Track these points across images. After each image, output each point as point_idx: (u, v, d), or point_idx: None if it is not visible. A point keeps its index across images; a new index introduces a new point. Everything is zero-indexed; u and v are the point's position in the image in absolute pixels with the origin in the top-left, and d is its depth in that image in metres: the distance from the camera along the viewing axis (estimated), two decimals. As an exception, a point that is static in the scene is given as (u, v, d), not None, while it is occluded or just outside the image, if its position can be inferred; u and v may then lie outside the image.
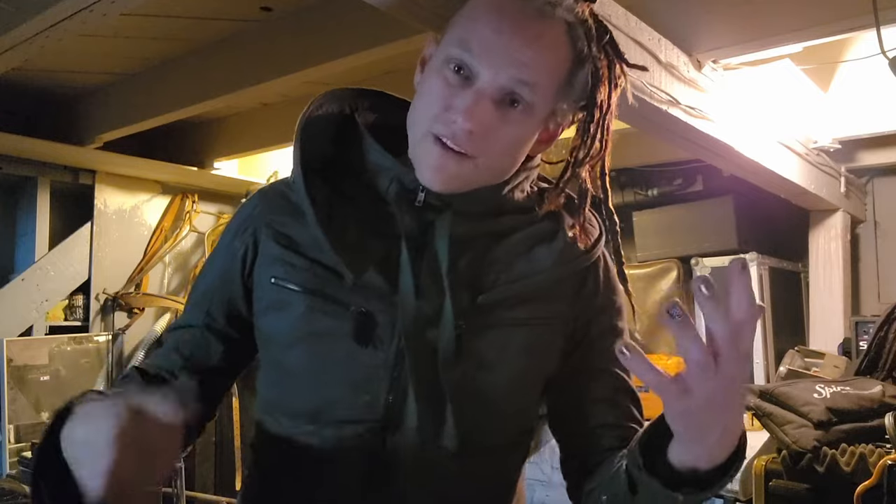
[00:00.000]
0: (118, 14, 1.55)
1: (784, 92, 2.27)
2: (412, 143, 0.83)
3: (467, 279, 0.83)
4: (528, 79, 0.78)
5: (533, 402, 0.91)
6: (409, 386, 0.81)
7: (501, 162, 0.83)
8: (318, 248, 0.84)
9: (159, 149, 3.46)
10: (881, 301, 2.81)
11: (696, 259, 2.85)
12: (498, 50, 0.77)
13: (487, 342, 0.83)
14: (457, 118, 0.77)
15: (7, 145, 2.90)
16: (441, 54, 0.81)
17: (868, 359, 2.13)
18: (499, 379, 0.84)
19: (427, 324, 0.81)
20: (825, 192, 2.58)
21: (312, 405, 0.84)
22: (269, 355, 0.90)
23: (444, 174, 0.80)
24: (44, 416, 2.98)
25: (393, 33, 1.93)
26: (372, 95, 0.94)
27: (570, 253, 0.87)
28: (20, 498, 2.06)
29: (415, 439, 0.81)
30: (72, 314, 3.25)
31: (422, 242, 0.84)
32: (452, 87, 0.78)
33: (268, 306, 0.87)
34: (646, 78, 1.47)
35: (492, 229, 0.87)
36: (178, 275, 3.63)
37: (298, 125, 0.88)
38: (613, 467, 0.80)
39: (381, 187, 0.85)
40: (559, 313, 0.87)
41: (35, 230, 3.14)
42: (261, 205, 0.92)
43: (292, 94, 2.92)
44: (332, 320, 0.82)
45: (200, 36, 2.42)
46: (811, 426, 1.74)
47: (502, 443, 0.89)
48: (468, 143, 0.78)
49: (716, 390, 0.61)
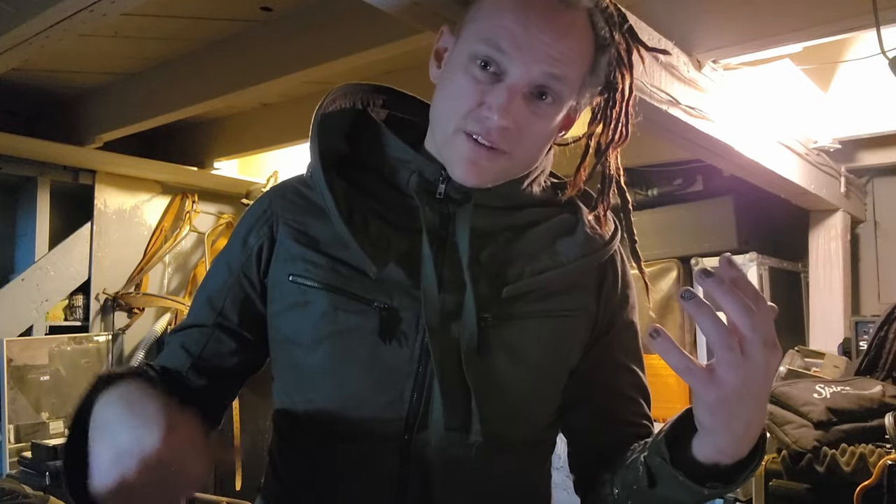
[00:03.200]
0: (118, 14, 1.54)
1: (784, 92, 2.27)
2: (441, 140, 0.83)
3: (490, 272, 0.83)
4: (559, 73, 0.78)
5: (557, 397, 0.90)
6: (434, 381, 0.80)
7: (532, 154, 0.84)
8: (341, 245, 0.83)
9: (159, 149, 3.46)
10: (881, 301, 2.81)
11: (696, 259, 2.84)
12: (528, 46, 0.77)
13: (513, 335, 0.83)
14: (491, 115, 0.77)
15: (7, 145, 2.90)
16: (464, 50, 0.80)
17: (868, 359, 2.13)
18: (525, 372, 0.83)
19: (450, 317, 0.81)
20: (825, 192, 2.58)
21: (337, 405, 0.83)
22: (287, 357, 0.87)
23: (477, 169, 0.80)
24: (44, 415, 2.98)
25: (393, 33, 1.93)
26: (384, 91, 0.94)
27: (591, 245, 0.87)
28: (20, 498, 2.06)
29: (441, 435, 0.80)
30: (72, 314, 3.25)
31: (443, 235, 0.84)
32: (481, 84, 0.78)
33: (286, 306, 0.85)
34: (646, 78, 1.47)
35: (513, 222, 0.87)
36: (178, 275, 3.62)
37: (314, 120, 0.88)
38: (627, 460, 0.80)
39: (401, 180, 0.85)
40: (582, 305, 0.87)
41: (35, 230, 3.13)
42: (275, 202, 0.90)
43: (292, 94, 2.92)
44: (356, 317, 0.81)
45: (200, 36, 2.42)
46: (811, 426, 1.74)
47: (527, 438, 0.88)
48: (502, 140, 0.78)
49: (747, 377, 0.61)
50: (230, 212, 3.72)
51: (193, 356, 0.88)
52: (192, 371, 0.87)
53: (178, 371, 0.88)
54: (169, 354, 0.90)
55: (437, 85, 0.85)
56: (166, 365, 0.89)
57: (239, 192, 3.53)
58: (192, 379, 0.87)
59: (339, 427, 0.83)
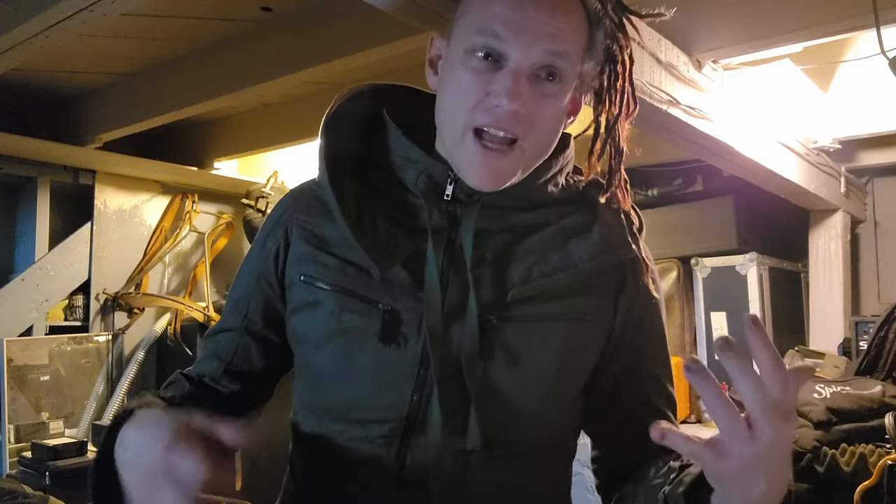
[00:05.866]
0: (118, 14, 1.54)
1: (784, 92, 2.27)
2: (451, 144, 0.82)
3: (497, 273, 0.82)
4: (559, 48, 0.77)
5: (570, 403, 0.87)
6: (434, 384, 0.79)
7: (545, 140, 0.82)
8: (348, 246, 0.83)
9: (159, 149, 3.46)
10: (881, 301, 2.81)
11: (696, 259, 2.85)
12: (524, 27, 0.76)
13: (518, 338, 0.81)
14: (500, 101, 0.76)
15: (7, 145, 2.90)
16: (459, 46, 0.79)
17: (868, 359, 2.13)
18: (530, 377, 0.81)
19: (453, 320, 0.80)
20: (825, 192, 2.58)
21: (341, 404, 0.83)
22: (301, 356, 0.89)
23: (490, 173, 0.79)
24: (44, 416, 2.98)
25: (393, 33, 1.93)
26: (396, 91, 0.93)
27: (607, 245, 0.85)
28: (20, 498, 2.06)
29: (439, 440, 0.79)
30: (72, 314, 3.25)
31: (450, 237, 0.83)
32: (484, 74, 0.77)
33: (299, 305, 0.86)
34: (646, 78, 1.47)
35: (523, 222, 0.85)
36: (178, 275, 3.62)
37: (323, 123, 0.87)
38: (650, 481, 0.77)
39: (409, 180, 0.85)
40: (598, 309, 0.84)
41: (35, 230, 3.13)
42: (291, 205, 0.91)
43: (292, 94, 2.92)
44: (361, 318, 0.81)
45: (200, 36, 2.42)
46: (811, 426, 1.74)
47: (539, 447, 0.85)
48: (514, 125, 0.77)
49: (755, 453, 0.57)
50: (230, 212, 3.72)
51: (225, 362, 0.91)
52: (225, 376, 0.91)
53: (213, 377, 0.91)
54: (204, 360, 0.93)
55: (438, 89, 0.84)
56: (202, 372, 0.92)
57: (239, 192, 3.52)
58: (226, 384, 0.91)
59: (343, 424, 0.83)
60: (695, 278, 2.85)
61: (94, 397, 3.17)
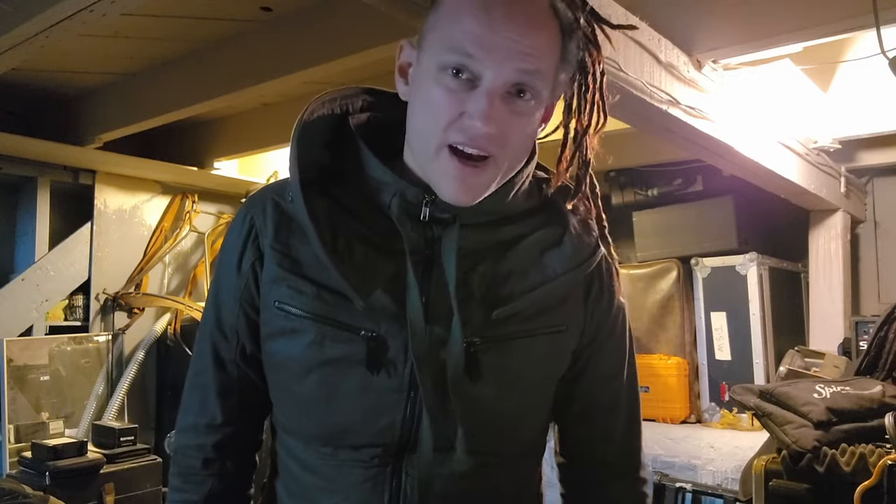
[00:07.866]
0: (118, 14, 1.55)
1: (784, 92, 2.27)
2: (423, 159, 0.80)
3: (480, 293, 0.81)
4: (533, 67, 0.76)
5: (547, 406, 0.90)
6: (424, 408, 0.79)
7: (518, 155, 0.82)
8: (324, 271, 0.79)
9: (159, 149, 3.46)
10: (881, 301, 2.82)
11: (696, 259, 2.85)
12: (496, 46, 0.74)
13: (503, 357, 0.82)
14: (473, 123, 0.75)
15: (7, 145, 2.90)
16: (431, 62, 0.77)
17: (868, 359, 2.13)
18: (515, 392, 0.83)
19: (439, 344, 0.79)
20: (825, 192, 2.58)
21: (328, 431, 0.83)
22: (278, 381, 0.87)
23: (466, 187, 0.77)
24: (44, 415, 2.98)
25: (393, 33, 1.92)
26: (363, 94, 0.90)
27: (579, 256, 0.85)
28: (20, 498, 2.06)
29: (429, 458, 0.80)
30: (72, 314, 3.25)
31: (429, 258, 0.82)
32: (457, 93, 0.75)
33: (275, 331, 0.84)
34: (646, 78, 1.47)
35: (500, 238, 0.84)
36: (178, 275, 3.62)
37: (293, 135, 0.84)
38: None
39: (383, 202, 0.82)
40: (572, 318, 0.86)
41: (35, 230, 3.14)
42: (257, 219, 0.85)
43: (292, 94, 2.92)
44: (344, 347, 0.80)
45: (200, 36, 2.42)
46: (811, 426, 1.74)
47: (517, 451, 0.89)
48: (489, 145, 0.76)
49: None
50: (230, 212, 3.72)
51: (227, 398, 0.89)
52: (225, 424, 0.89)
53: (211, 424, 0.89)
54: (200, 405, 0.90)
55: (410, 101, 0.82)
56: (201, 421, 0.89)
57: (239, 192, 3.53)
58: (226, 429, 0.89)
59: (331, 448, 0.83)
60: (695, 278, 2.85)
61: (94, 397, 3.17)
